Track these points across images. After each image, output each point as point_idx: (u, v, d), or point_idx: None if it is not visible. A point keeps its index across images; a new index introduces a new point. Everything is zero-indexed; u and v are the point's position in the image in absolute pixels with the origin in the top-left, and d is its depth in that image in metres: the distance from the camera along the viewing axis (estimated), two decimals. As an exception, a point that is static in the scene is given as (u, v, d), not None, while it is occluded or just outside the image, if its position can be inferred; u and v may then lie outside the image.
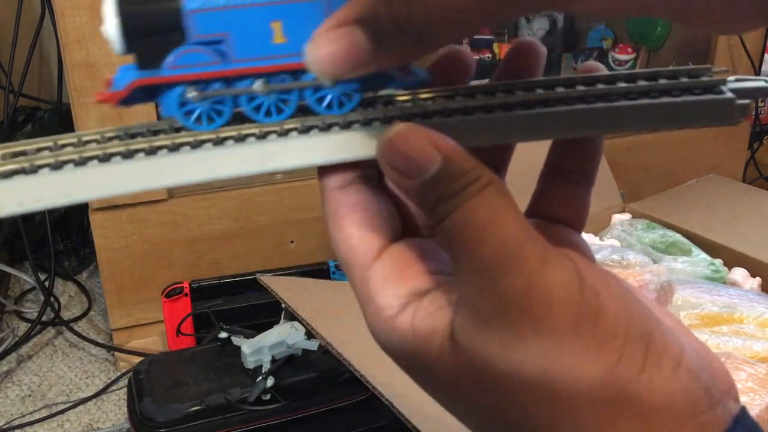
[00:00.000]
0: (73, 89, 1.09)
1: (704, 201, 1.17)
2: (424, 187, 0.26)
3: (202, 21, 0.26)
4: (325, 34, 0.24)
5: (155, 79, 0.27)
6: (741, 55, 1.47)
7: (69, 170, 0.27)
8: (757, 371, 0.76)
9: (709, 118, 0.30)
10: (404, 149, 0.26)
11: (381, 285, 0.28)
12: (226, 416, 0.93)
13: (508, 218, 0.25)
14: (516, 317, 0.25)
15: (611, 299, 0.26)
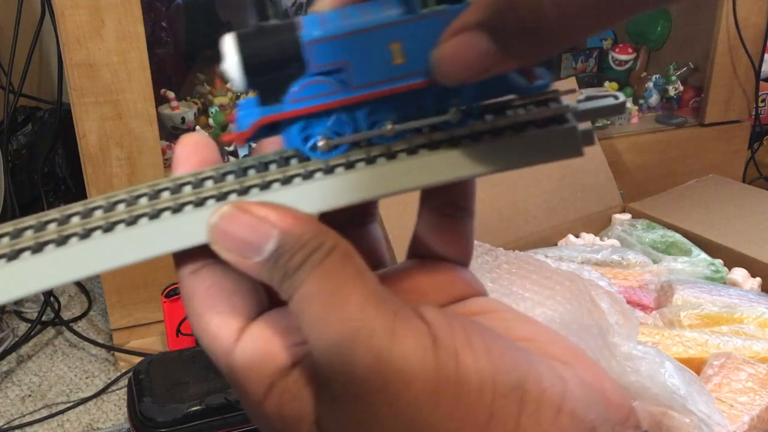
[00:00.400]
0: (73, 89, 1.09)
1: (704, 201, 1.18)
2: (265, 266, 0.24)
3: (322, 51, 0.26)
4: (449, 39, 0.24)
5: (280, 115, 0.27)
6: (741, 55, 1.47)
7: (94, 238, 0.26)
8: (757, 371, 0.76)
9: (552, 152, 0.28)
10: (233, 232, 0.25)
11: (246, 370, 0.26)
12: (226, 416, 0.93)
13: (354, 288, 0.24)
14: (370, 397, 0.23)
15: (472, 356, 0.24)
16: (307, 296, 0.24)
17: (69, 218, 0.27)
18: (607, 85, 1.55)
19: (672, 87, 1.55)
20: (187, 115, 1.33)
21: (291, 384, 0.26)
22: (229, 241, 0.25)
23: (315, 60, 0.26)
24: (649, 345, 0.75)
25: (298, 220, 0.25)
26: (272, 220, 0.24)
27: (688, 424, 0.68)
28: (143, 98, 1.12)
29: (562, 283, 0.78)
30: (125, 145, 1.14)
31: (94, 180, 1.14)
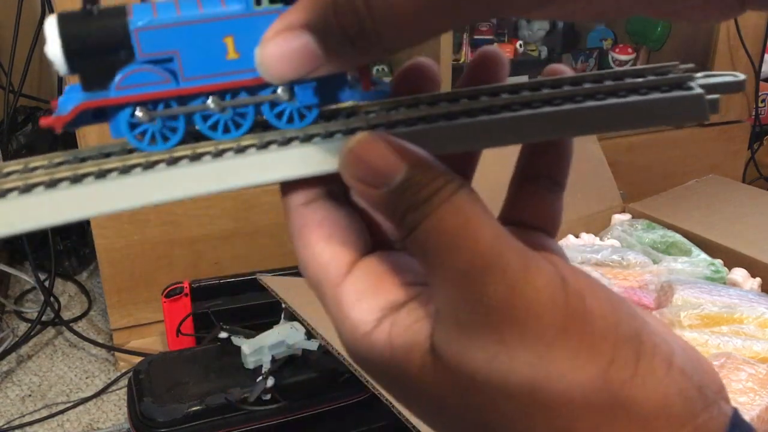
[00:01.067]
0: (73, 89, 1.09)
1: (704, 201, 1.17)
2: (391, 197, 0.25)
3: (150, 39, 0.25)
4: (273, 37, 0.24)
5: (103, 101, 0.26)
6: (741, 56, 1.47)
7: (13, 198, 0.26)
8: (757, 371, 0.76)
9: (679, 115, 0.29)
10: (367, 159, 0.25)
11: (354, 301, 0.26)
12: (226, 416, 0.93)
13: (483, 224, 0.24)
14: (500, 326, 0.24)
15: (597, 302, 0.25)
16: (434, 229, 0.24)
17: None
18: (607, 85, 1.54)
19: (672, 87, 1.55)
20: (187, 115, 1.33)
21: (403, 318, 0.26)
22: (361, 168, 0.25)
23: (143, 47, 0.25)
24: (649, 345, 0.75)
25: (429, 157, 0.25)
26: (404, 153, 0.25)
27: (688, 424, 0.68)
28: (143, 98, 1.12)
29: (562, 283, 0.78)
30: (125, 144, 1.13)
31: (94, 180, 1.14)
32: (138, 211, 1.18)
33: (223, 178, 0.26)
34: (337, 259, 0.27)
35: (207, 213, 1.23)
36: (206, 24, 0.25)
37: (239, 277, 1.20)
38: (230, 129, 0.27)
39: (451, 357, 0.25)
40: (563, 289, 0.24)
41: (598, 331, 0.24)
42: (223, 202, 1.23)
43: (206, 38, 0.25)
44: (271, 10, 0.25)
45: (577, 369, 0.24)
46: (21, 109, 1.47)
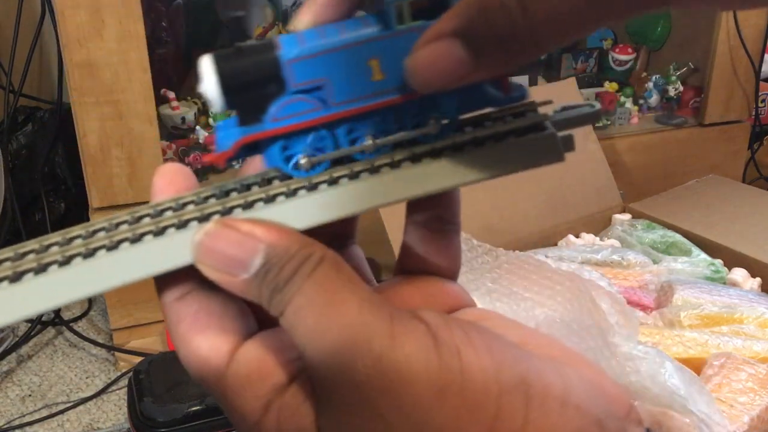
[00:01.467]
0: (73, 89, 1.09)
1: (704, 201, 1.18)
2: (253, 282, 0.24)
3: (300, 69, 0.26)
4: (423, 46, 0.24)
5: (260, 134, 0.26)
6: (741, 56, 1.47)
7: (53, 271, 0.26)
8: (757, 371, 0.76)
9: (535, 158, 0.28)
10: (220, 249, 0.24)
11: (239, 390, 0.25)
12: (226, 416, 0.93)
13: (348, 294, 0.24)
14: (375, 401, 0.23)
15: (474, 353, 0.23)
16: (301, 307, 0.24)
17: (48, 248, 0.27)
18: (607, 86, 1.55)
19: (672, 87, 1.55)
20: (187, 115, 1.33)
21: (289, 399, 0.25)
22: (215, 259, 0.24)
23: (294, 78, 0.26)
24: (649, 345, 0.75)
25: (284, 233, 0.24)
26: (258, 235, 0.24)
27: (688, 424, 0.68)
28: (143, 98, 1.12)
29: (562, 284, 0.78)
30: (125, 145, 1.14)
31: (94, 180, 1.14)
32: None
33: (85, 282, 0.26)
34: (216, 350, 0.26)
35: (207, 213, 1.23)
36: (352, 48, 0.26)
37: (239, 277, 1.20)
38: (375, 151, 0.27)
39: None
40: (435, 350, 0.23)
41: (478, 386, 0.23)
42: (223, 202, 1.23)
43: (353, 62, 0.26)
44: (412, 27, 0.26)
45: (460, 431, 0.23)
46: (21, 109, 1.47)
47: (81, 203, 1.37)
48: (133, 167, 1.15)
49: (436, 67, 0.24)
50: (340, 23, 0.26)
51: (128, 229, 0.26)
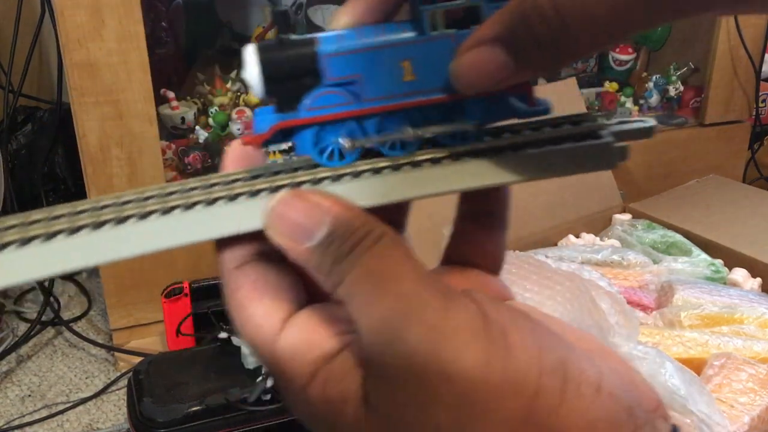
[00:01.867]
0: (72, 89, 1.09)
1: (704, 201, 1.17)
2: (316, 251, 0.26)
3: (336, 64, 0.28)
4: (467, 50, 0.26)
5: (294, 121, 0.28)
6: (741, 55, 1.47)
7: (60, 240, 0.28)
8: (758, 372, 0.76)
9: (589, 164, 0.30)
10: (289, 217, 0.26)
11: (289, 357, 0.27)
12: (226, 416, 0.93)
13: (405, 269, 0.25)
14: (424, 370, 0.24)
15: (520, 334, 0.25)
16: (359, 277, 0.25)
17: (124, 204, 0.30)
18: (607, 85, 1.54)
19: (672, 87, 1.55)
20: (187, 115, 1.33)
21: (336, 368, 0.26)
22: (284, 225, 0.26)
23: (330, 72, 0.28)
24: (650, 345, 0.75)
25: (349, 208, 0.26)
26: (325, 207, 0.26)
27: (689, 424, 0.68)
28: (143, 98, 1.12)
29: (562, 284, 0.78)
30: (125, 145, 1.14)
31: (94, 180, 1.14)
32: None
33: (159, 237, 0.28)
34: (270, 318, 0.27)
35: (207, 213, 1.23)
36: (386, 49, 0.28)
37: (239, 277, 1.20)
38: (398, 147, 0.29)
39: (381, 408, 0.25)
40: (484, 327, 0.24)
41: (521, 365, 0.24)
42: (223, 202, 1.23)
43: (386, 62, 0.28)
44: (445, 34, 0.28)
45: (502, 405, 0.24)
46: (21, 109, 1.47)
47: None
48: (133, 167, 1.15)
49: (480, 70, 0.26)
50: (377, 26, 0.28)
51: (202, 193, 0.29)
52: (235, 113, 1.34)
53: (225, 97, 1.37)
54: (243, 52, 0.28)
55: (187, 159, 1.26)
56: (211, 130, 1.35)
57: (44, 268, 0.27)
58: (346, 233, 0.26)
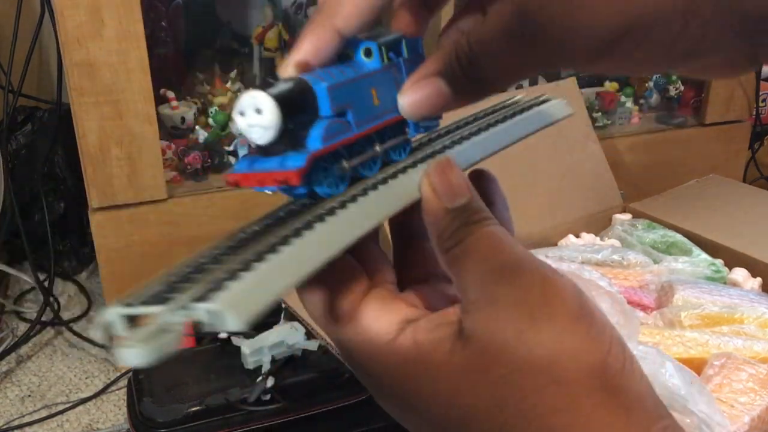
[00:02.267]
0: (72, 89, 1.09)
1: (705, 201, 1.17)
2: (449, 213, 0.31)
3: (334, 96, 0.31)
4: (415, 84, 0.32)
5: (326, 149, 0.30)
6: (741, 55, 1.47)
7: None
8: (758, 372, 0.76)
9: (550, 118, 0.40)
10: (449, 175, 0.32)
11: (373, 319, 0.31)
12: (226, 416, 0.92)
13: (516, 244, 0.30)
14: (533, 305, 0.28)
15: (599, 311, 0.30)
16: (480, 238, 0.30)
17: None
18: (607, 85, 1.54)
19: (672, 87, 1.55)
20: (186, 114, 1.33)
21: (423, 324, 0.31)
22: (443, 180, 0.31)
23: (331, 104, 0.30)
24: (650, 345, 0.75)
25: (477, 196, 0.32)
26: (467, 184, 0.32)
27: (689, 424, 0.68)
28: (143, 98, 1.12)
29: (562, 283, 0.78)
30: (125, 145, 1.13)
31: (93, 180, 1.14)
32: (137, 211, 1.18)
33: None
34: (347, 294, 0.32)
35: (206, 213, 1.23)
36: (362, 80, 0.32)
37: (239, 277, 1.19)
38: (371, 168, 0.33)
39: (482, 334, 0.29)
40: (579, 291, 0.30)
41: (600, 326, 0.29)
42: (223, 201, 1.23)
43: (364, 91, 0.32)
44: (391, 64, 0.33)
45: (584, 352, 0.28)
46: (20, 109, 1.47)
47: (80, 203, 1.37)
48: (133, 167, 1.15)
49: (426, 100, 0.32)
50: (343, 63, 0.32)
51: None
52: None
53: (225, 97, 1.37)
54: (244, 100, 0.29)
55: (187, 159, 1.26)
56: (211, 130, 1.35)
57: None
58: (476, 209, 0.31)
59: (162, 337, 0.23)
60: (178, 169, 1.28)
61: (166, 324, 0.24)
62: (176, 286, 0.26)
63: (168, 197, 1.19)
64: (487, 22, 0.29)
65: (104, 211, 1.17)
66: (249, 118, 0.29)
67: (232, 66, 1.49)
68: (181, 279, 0.27)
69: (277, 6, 1.51)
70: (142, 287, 0.26)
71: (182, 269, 0.28)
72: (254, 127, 0.29)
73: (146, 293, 0.25)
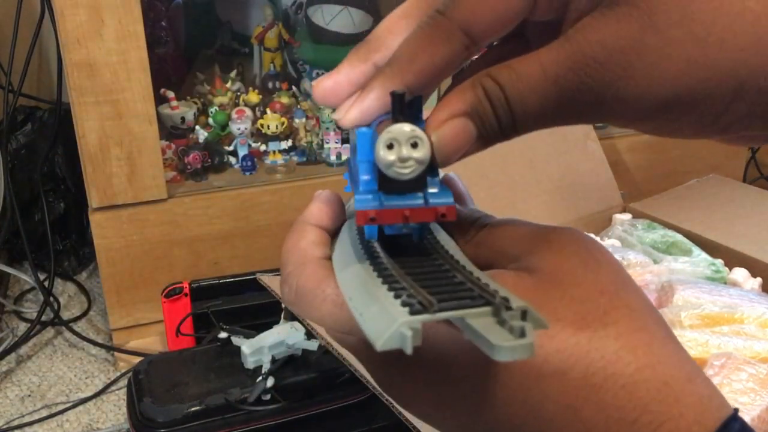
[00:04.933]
0: (72, 89, 1.09)
1: (705, 201, 1.17)
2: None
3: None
4: (444, 123, 0.29)
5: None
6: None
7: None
8: (758, 371, 0.76)
9: None
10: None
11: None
12: (226, 416, 0.93)
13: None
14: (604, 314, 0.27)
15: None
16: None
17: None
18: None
19: (672, 87, 1.54)
20: (186, 114, 1.33)
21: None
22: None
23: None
24: (650, 345, 0.75)
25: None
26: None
27: (689, 424, 0.68)
28: (143, 98, 1.12)
29: (562, 283, 0.78)
30: (125, 144, 1.13)
31: (93, 180, 1.14)
32: (137, 211, 1.18)
33: None
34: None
35: (206, 213, 1.23)
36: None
37: (239, 277, 1.20)
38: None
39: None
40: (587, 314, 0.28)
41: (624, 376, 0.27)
42: (222, 201, 1.23)
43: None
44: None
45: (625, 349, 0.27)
46: (20, 109, 1.47)
47: (80, 203, 1.37)
48: (133, 167, 1.15)
49: (457, 140, 0.29)
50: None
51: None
52: (235, 113, 1.34)
53: (225, 97, 1.37)
54: (398, 133, 0.29)
55: (187, 159, 1.26)
56: (211, 130, 1.35)
57: None
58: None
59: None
60: (178, 169, 1.28)
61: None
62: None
63: (168, 197, 1.19)
64: (534, 69, 0.27)
65: (104, 211, 1.17)
66: (403, 151, 0.28)
67: (232, 66, 1.49)
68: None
69: (277, 6, 1.51)
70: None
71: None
72: (408, 160, 0.28)
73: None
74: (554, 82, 0.27)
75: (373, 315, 0.25)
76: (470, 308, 0.24)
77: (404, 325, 0.23)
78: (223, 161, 1.30)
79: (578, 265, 0.28)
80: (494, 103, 0.28)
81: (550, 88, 0.27)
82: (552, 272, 0.28)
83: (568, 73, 0.27)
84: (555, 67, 0.27)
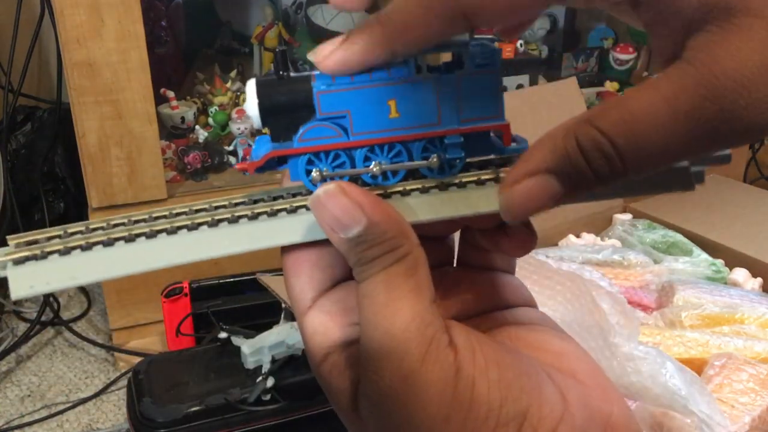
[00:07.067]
0: (72, 88, 1.09)
1: (705, 201, 1.17)
2: (347, 245, 0.27)
3: (328, 100, 0.30)
4: (519, 181, 0.26)
5: (287, 150, 0.31)
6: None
7: (76, 255, 0.31)
8: (758, 372, 0.76)
9: (667, 186, 0.32)
10: (330, 207, 0.27)
11: (310, 336, 0.30)
12: (226, 416, 0.92)
13: (406, 304, 0.26)
14: (392, 408, 0.26)
15: (486, 387, 0.26)
16: (368, 293, 0.27)
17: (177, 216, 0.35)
18: (608, 85, 1.54)
19: (672, 87, 1.54)
20: (186, 114, 1.33)
21: (342, 359, 0.29)
22: (325, 214, 0.28)
23: (322, 107, 0.30)
24: (650, 345, 0.75)
25: (387, 214, 0.27)
26: (365, 208, 0.27)
27: (689, 424, 0.68)
28: (143, 98, 1.12)
29: (563, 284, 0.78)
30: (125, 144, 1.13)
31: (93, 180, 1.14)
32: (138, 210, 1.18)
33: (253, 239, 0.31)
34: (303, 295, 0.31)
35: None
36: (374, 89, 0.30)
37: (239, 277, 1.19)
38: (388, 177, 0.31)
39: (365, 415, 0.28)
40: (454, 383, 0.26)
41: (480, 416, 0.26)
42: (222, 201, 1.23)
43: (373, 101, 0.30)
44: (428, 77, 0.30)
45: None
46: (20, 109, 1.47)
47: (80, 203, 1.37)
48: (133, 167, 1.15)
49: (533, 199, 0.26)
50: (371, 72, 0.31)
51: (246, 208, 0.33)
52: (235, 113, 1.34)
53: (225, 97, 1.37)
54: (246, 86, 0.31)
55: (186, 158, 1.26)
56: (211, 130, 1.35)
57: (104, 271, 0.32)
58: (376, 239, 0.27)
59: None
60: (178, 169, 1.28)
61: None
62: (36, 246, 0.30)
63: (168, 197, 1.19)
64: (656, 106, 0.24)
65: (104, 211, 1.16)
66: (246, 103, 0.31)
67: (232, 66, 1.49)
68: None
69: (277, 6, 1.51)
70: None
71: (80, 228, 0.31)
72: (247, 111, 0.31)
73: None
74: (686, 114, 0.24)
75: None
76: None
77: None
78: (223, 161, 1.30)
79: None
80: (592, 154, 0.25)
81: (680, 122, 0.24)
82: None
83: (704, 102, 0.23)
84: (685, 97, 0.24)
